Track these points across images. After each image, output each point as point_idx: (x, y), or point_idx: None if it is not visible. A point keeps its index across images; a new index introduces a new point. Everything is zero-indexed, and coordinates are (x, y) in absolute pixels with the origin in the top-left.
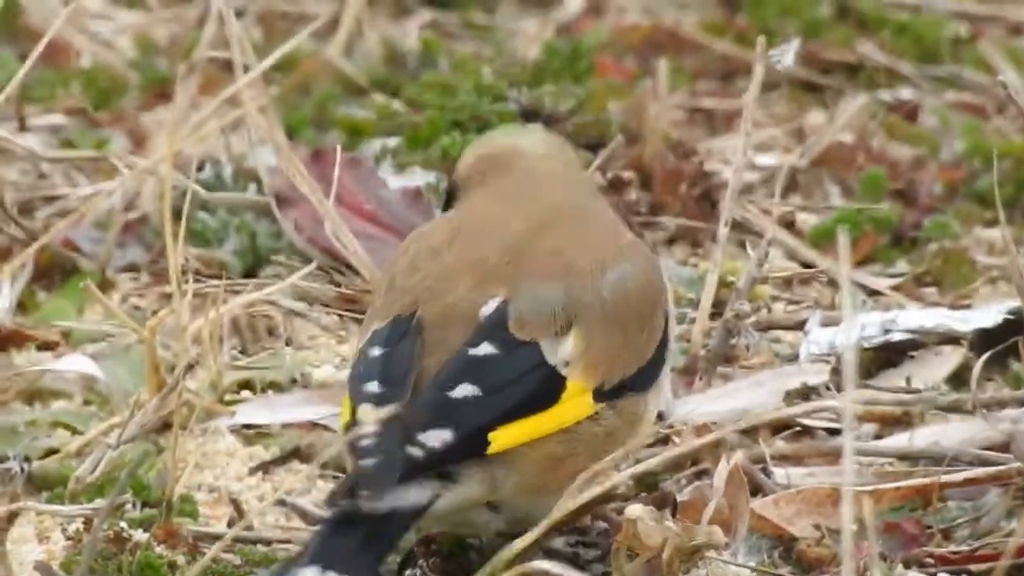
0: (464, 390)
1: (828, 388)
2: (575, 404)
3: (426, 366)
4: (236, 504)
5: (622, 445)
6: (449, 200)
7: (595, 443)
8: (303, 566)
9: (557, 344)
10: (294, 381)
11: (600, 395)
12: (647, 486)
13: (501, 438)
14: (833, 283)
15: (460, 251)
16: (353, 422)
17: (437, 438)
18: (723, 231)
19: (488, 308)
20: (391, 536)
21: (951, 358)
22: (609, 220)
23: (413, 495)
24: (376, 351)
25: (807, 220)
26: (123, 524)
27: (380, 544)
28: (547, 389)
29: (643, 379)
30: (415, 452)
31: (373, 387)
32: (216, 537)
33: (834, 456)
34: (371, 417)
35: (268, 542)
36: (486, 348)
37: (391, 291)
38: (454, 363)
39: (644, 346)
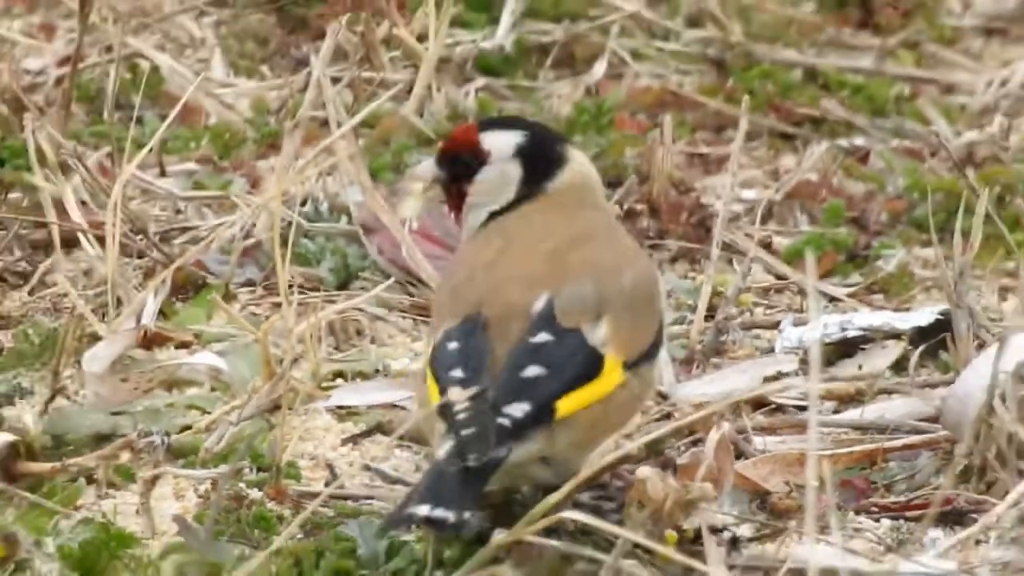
0: (532, 371)
1: (797, 374)
2: (611, 375)
3: (496, 354)
4: (331, 469)
5: (641, 403)
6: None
7: (624, 405)
8: (416, 504)
9: (594, 330)
10: (377, 371)
11: (627, 367)
12: (654, 452)
13: (563, 407)
14: (802, 292)
15: (510, 263)
16: (445, 402)
17: (519, 409)
18: (715, 251)
19: (538, 305)
20: (481, 481)
21: (894, 350)
22: (622, 236)
23: (498, 452)
24: (453, 344)
25: (781, 242)
26: (242, 485)
27: (474, 487)
28: (592, 365)
29: (652, 352)
30: (503, 422)
31: (457, 373)
32: (315, 495)
33: (801, 427)
34: (461, 396)
35: (356, 499)
36: (542, 336)
37: (455, 298)
38: (520, 350)
39: (651, 326)
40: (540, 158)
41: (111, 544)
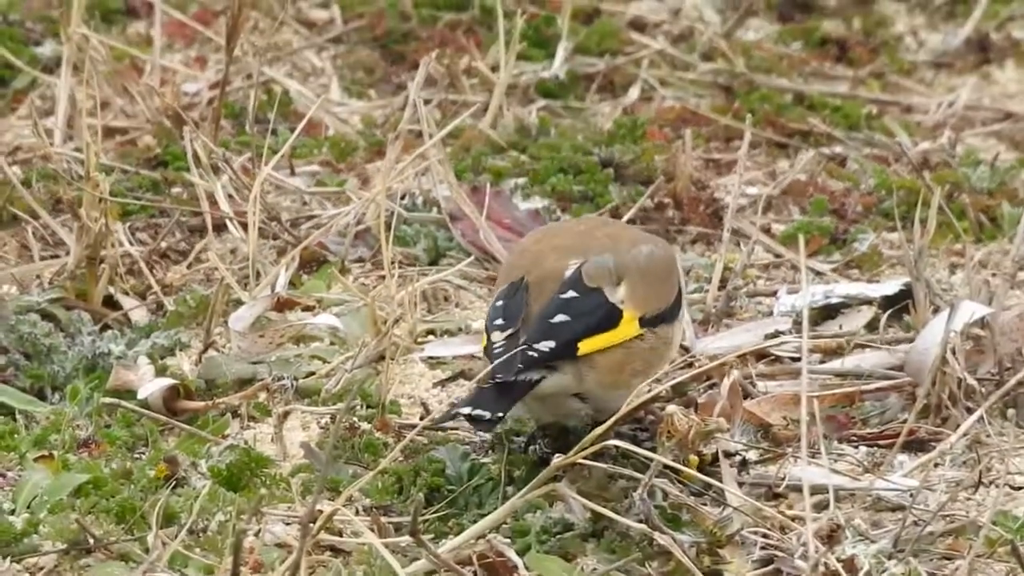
0: (559, 318)
1: (790, 332)
2: (628, 327)
3: (533, 308)
4: (425, 406)
5: (660, 356)
6: None
7: (643, 353)
8: (461, 407)
9: (614, 290)
10: (460, 329)
11: (643, 322)
12: (679, 393)
13: (585, 346)
14: (794, 267)
15: (552, 242)
16: (489, 342)
17: (545, 346)
18: (726, 235)
19: (569, 270)
20: (516, 396)
21: (867, 313)
22: (632, 229)
23: (529, 374)
24: (500, 302)
25: (778, 228)
26: (354, 419)
27: (509, 398)
28: (611, 316)
29: (668, 315)
30: (532, 354)
31: (499, 321)
32: (412, 426)
33: (795, 374)
34: (500, 337)
35: (444, 429)
36: (571, 293)
37: (508, 270)
38: (551, 303)
39: (667, 293)
40: None
41: (252, 465)
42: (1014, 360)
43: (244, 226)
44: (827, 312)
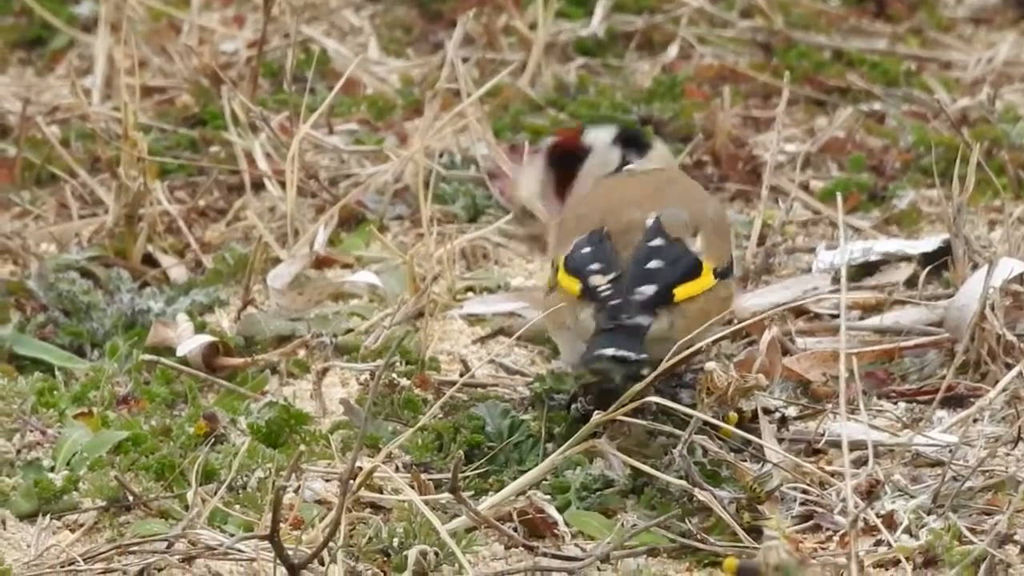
0: (654, 264)
1: (829, 288)
2: (708, 278)
3: (621, 255)
4: (464, 363)
5: (729, 308)
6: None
7: (719, 302)
8: (602, 347)
9: (692, 242)
10: (499, 287)
11: (715, 274)
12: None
13: (679, 293)
14: (833, 224)
15: (622, 195)
16: (587, 287)
17: (647, 289)
18: (764, 192)
19: (650, 220)
20: (641, 335)
21: (906, 270)
22: (696, 183)
23: (641, 320)
24: (586, 249)
25: (817, 185)
26: (394, 375)
27: (636, 337)
28: (695, 266)
29: (730, 268)
30: (637, 297)
31: (595, 267)
32: (452, 383)
33: (834, 331)
34: (602, 280)
35: (484, 386)
36: (657, 241)
37: (580, 221)
38: (643, 249)
39: (728, 247)
40: (632, 144)
41: (291, 422)
42: None
43: (282, 184)
44: (866, 269)
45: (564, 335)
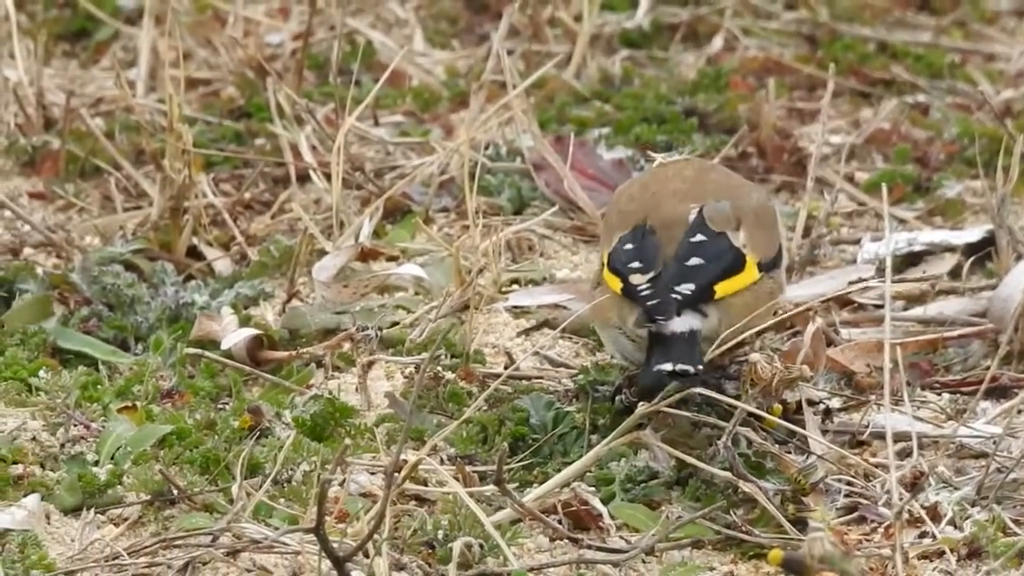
0: (694, 261)
1: (874, 279)
2: (751, 271)
3: (664, 251)
4: (509, 355)
5: (776, 302)
6: None
7: (764, 296)
8: (659, 363)
9: (736, 235)
10: (544, 279)
11: (760, 267)
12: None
13: (720, 289)
14: (878, 215)
15: (663, 188)
16: (627, 285)
17: (687, 288)
18: (809, 184)
19: (692, 214)
20: (696, 344)
21: (950, 260)
22: (735, 174)
23: (692, 322)
24: (628, 245)
25: (862, 176)
26: (439, 368)
27: (694, 347)
28: (738, 260)
29: (776, 261)
30: (676, 296)
31: (636, 264)
32: (496, 376)
33: (878, 321)
34: (642, 279)
35: (528, 378)
36: (699, 236)
37: (623, 216)
38: (684, 246)
39: (774, 240)
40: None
41: (336, 415)
42: None
43: (328, 176)
44: (910, 259)
45: (609, 332)
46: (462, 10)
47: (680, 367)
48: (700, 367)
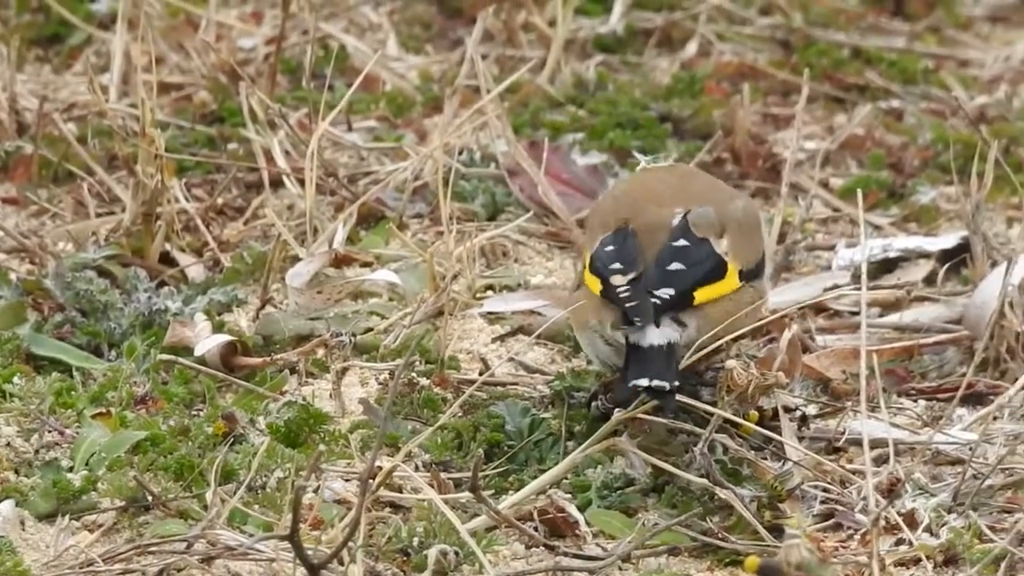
0: (675, 266)
1: (849, 286)
2: (732, 280)
3: (645, 254)
4: (484, 361)
5: (758, 311)
6: None
7: (745, 306)
8: (636, 378)
9: (719, 242)
10: (519, 285)
11: (742, 276)
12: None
13: (699, 295)
14: (853, 221)
15: (646, 192)
16: (607, 286)
17: (665, 292)
18: (784, 190)
19: (676, 219)
20: (673, 357)
21: (925, 267)
22: (720, 181)
23: (670, 334)
24: (610, 247)
25: (836, 182)
26: (413, 374)
27: (671, 361)
28: (719, 267)
29: (760, 269)
30: (655, 300)
31: (616, 265)
32: (471, 382)
33: (854, 328)
34: (622, 281)
35: (504, 385)
36: (682, 241)
37: (605, 218)
38: (666, 250)
39: (758, 247)
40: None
41: (310, 421)
42: None
43: (301, 182)
44: (885, 266)
45: (587, 334)
46: (435, 15)
47: (656, 383)
48: (676, 383)
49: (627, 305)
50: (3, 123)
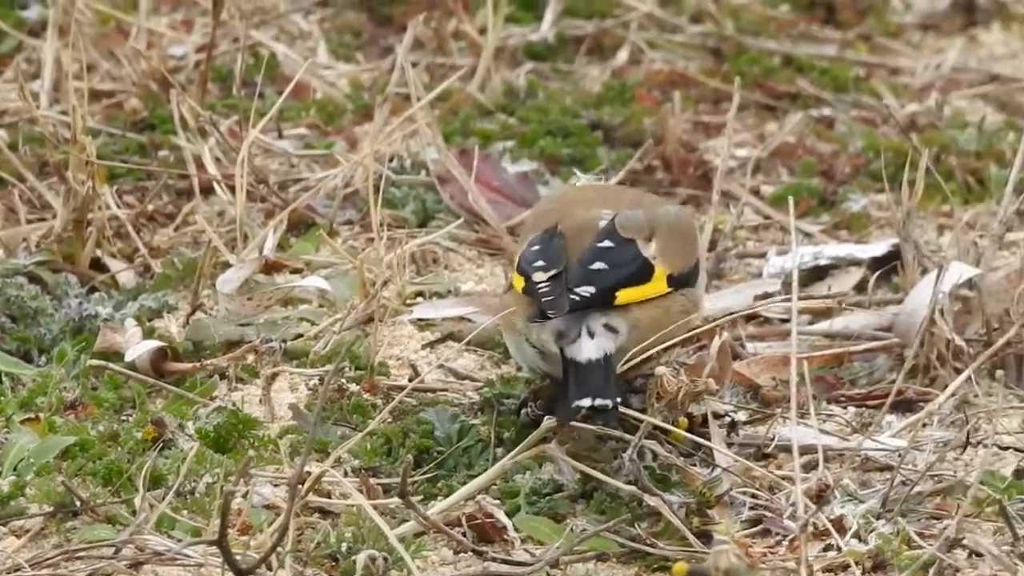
0: (598, 265)
1: (780, 293)
2: (659, 283)
3: (572, 255)
4: (413, 368)
5: (689, 320)
6: None
7: (676, 313)
8: (578, 399)
9: (647, 245)
10: (449, 291)
11: (671, 281)
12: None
13: (622, 296)
14: (783, 229)
15: (579, 198)
16: (530, 283)
17: (585, 291)
18: (715, 197)
19: (603, 221)
20: (611, 371)
21: (856, 274)
22: (654, 195)
23: (604, 344)
24: (536, 246)
25: (767, 190)
26: (343, 380)
27: (609, 375)
28: (644, 270)
29: (692, 277)
30: (574, 297)
31: (540, 263)
32: (401, 388)
33: (784, 335)
34: (543, 277)
35: (433, 391)
36: (607, 243)
37: (537, 221)
38: (590, 250)
39: (690, 255)
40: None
41: (239, 427)
42: (1002, 321)
43: (232, 189)
44: (816, 273)
45: (513, 336)
46: (366, 23)
47: (599, 402)
48: (618, 399)
49: (544, 300)
50: None
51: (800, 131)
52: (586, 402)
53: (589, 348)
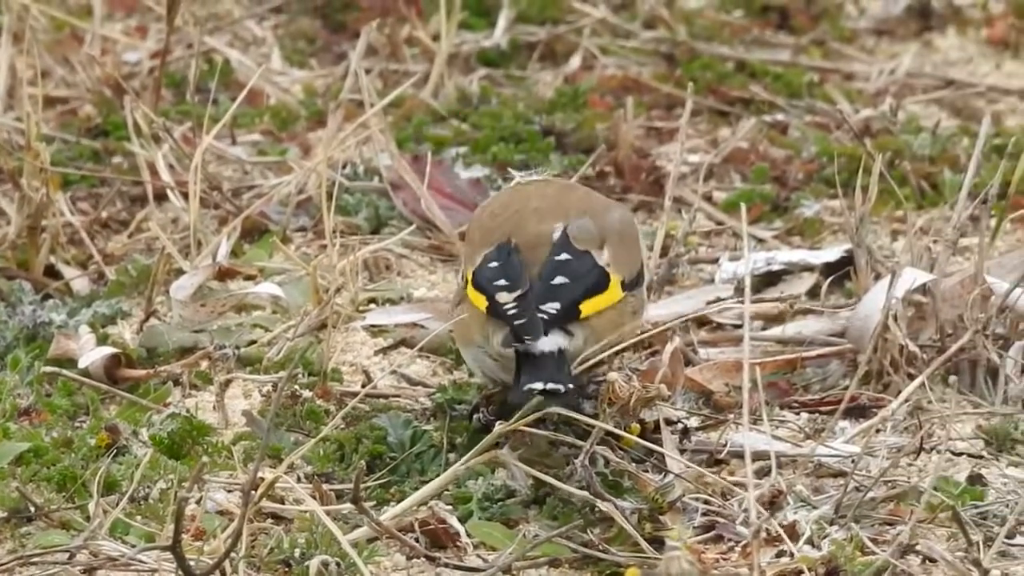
0: (559, 280)
1: (732, 299)
2: (616, 290)
3: (530, 270)
4: (366, 374)
5: (638, 321)
6: None
7: (628, 315)
8: (530, 383)
9: (600, 254)
10: (402, 298)
11: (624, 286)
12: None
13: (585, 308)
14: (736, 234)
15: (525, 206)
16: (494, 304)
17: (552, 307)
18: (667, 203)
19: (556, 233)
20: (564, 362)
21: (808, 280)
22: (596, 193)
23: (559, 341)
24: (494, 263)
25: (720, 196)
26: (296, 386)
27: (562, 365)
28: (602, 279)
29: (640, 278)
30: (543, 316)
31: (502, 282)
32: (354, 394)
33: (736, 341)
34: (508, 297)
35: (386, 397)
36: (564, 256)
37: (486, 233)
38: (549, 265)
39: (636, 258)
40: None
41: (193, 433)
42: (955, 327)
43: (185, 196)
44: (769, 279)
45: (471, 351)
46: (320, 29)
47: (551, 385)
48: (570, 385)
49: (516, 323)
50: None
51: (753, 137)
52: (538, 385)
53: (543, 343)
